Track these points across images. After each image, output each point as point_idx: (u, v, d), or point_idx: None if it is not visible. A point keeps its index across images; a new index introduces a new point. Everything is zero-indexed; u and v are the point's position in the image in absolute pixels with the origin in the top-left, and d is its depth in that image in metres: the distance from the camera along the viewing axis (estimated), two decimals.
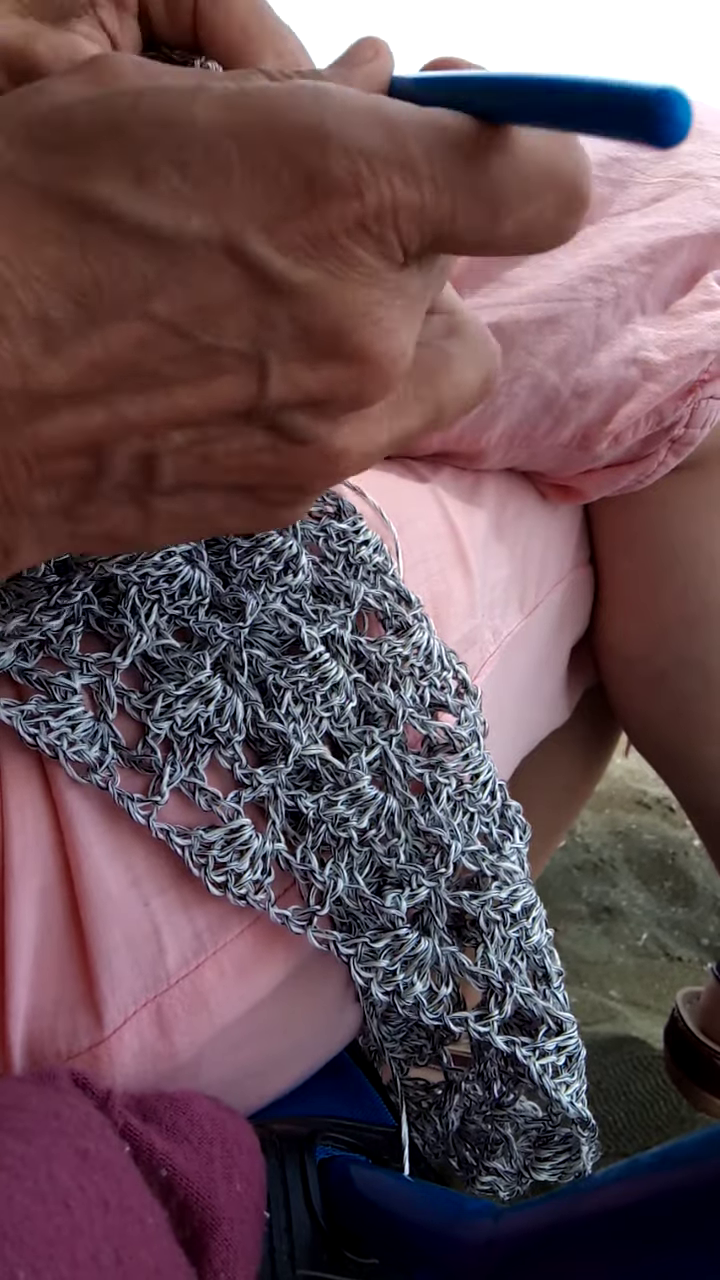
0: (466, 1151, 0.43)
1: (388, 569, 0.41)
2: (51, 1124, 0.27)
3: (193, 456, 0.23)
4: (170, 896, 0.35)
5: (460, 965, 0.38)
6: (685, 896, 1.15)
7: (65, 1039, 0.34)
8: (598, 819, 1.28)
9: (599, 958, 1.05)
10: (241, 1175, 0.32)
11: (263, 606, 0.37)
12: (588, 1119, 0.41)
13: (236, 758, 0.36)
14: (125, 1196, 0.27)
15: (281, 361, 0.22)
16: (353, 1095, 0.47)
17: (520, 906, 0.39)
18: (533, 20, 2.16)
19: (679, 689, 0.59)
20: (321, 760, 0.36)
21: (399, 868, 0.37)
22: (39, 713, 0.34)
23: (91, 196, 0.20)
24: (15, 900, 0.34)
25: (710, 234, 0.46)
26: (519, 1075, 0.39)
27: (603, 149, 0.49)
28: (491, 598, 0.48)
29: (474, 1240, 0.28)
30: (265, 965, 0.37)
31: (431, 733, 0.39)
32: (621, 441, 0.48)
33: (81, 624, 0.35)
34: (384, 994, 0.37)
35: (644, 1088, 0.84)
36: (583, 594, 0.58)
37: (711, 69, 1.93)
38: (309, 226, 0.21)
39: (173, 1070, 0.36)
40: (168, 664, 0.36)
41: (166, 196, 0.20)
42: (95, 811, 0.35)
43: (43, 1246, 0.23)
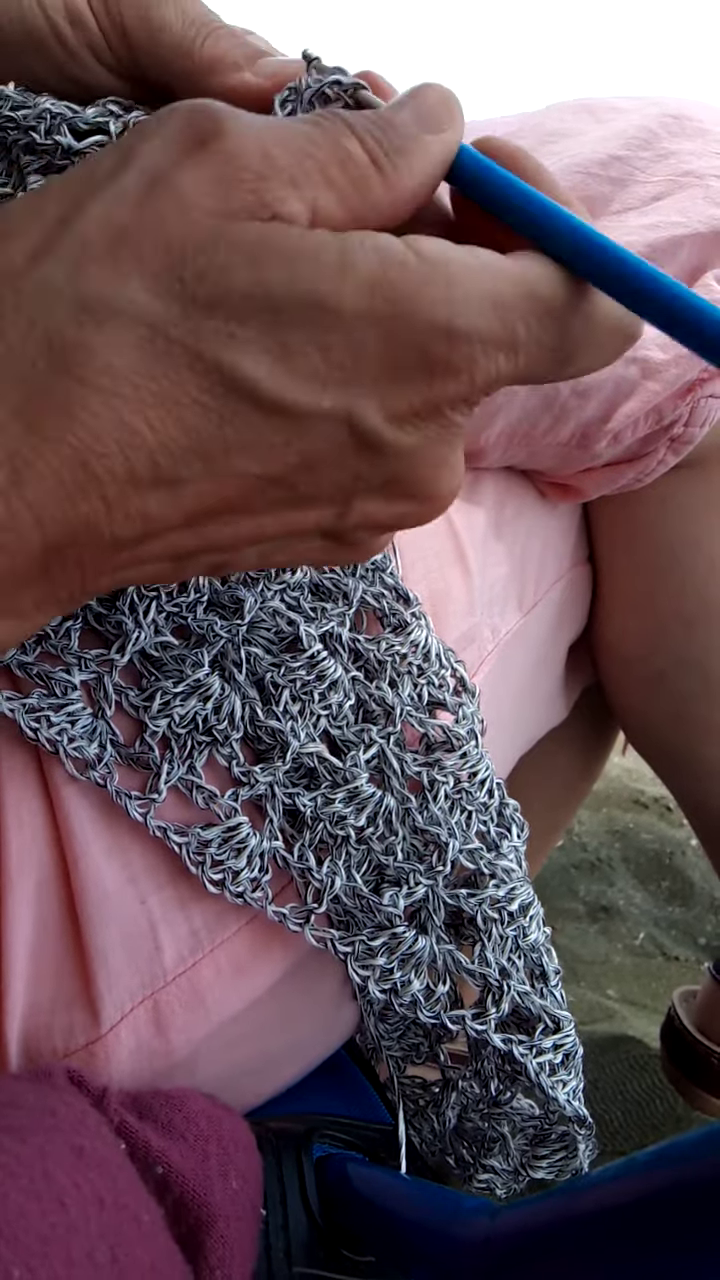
0: (463, 1149, 0.43)
1: (386, 567, 0.40)
2: (47, 1121, 0.27)
3: (256, 558, 0.25)
4: (167, 894, 0.35)
5: (457, 963, 0.38)
6: (682, 896, 1.15)
7: (61, 1036, 0.34)
8: (595, 818, 1.28)
9: (596, 956, 1.05)
10: (238, 1173, 0.32)
11: (261, 604, 0.37)
12: (584, 1117, 0.41)
13: (234, 755, 0.36)
14: (121, 1194, 0.27)
15: (364, 502, 0.24)
16: (350, 1093, 0.47)
17: (518, 905, 0.39)
18: (533, 20, 2.15)
19: (677, 688, 0.59)
20: (319, 758, 0.36)
21: (396, 866, 0.37)
22: (40, 707, 0.34)
23: (239, 372, 0.21)
24: (12, 897, 0.34)
25: (710, 233, 0.46)
26: (516, 1073, 0.39)
27: (602, 148, 0.49)
28: (490, 596, 0.48)
29: (471, 1238, 0.28)
30: (262, 963, 0.37)
31: (429, 731, 0.39)
32: (621, 440, 0.48)
33: (80, 620, 0.35)
34: (381, 992, 0.37)
35: (641, 1086, 0.84)
36: (581, 592, 0.58)
37: (711, 69, 1.93)
38: (420, 401, 0.23)
39: (169, 1068, 0.36)
40: (166, 661, 0.36)
41: (305, 375, 0.22)
42: (93, 808, 0.35)
43: (38, 1244, 0.23)
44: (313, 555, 0.26)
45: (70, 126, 0.28)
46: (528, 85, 1.92)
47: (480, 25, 2.12)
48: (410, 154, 0.24)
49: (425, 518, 0.26)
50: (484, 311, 0.23)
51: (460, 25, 2.11)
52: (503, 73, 1.98)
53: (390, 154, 0.24)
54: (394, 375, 0.22)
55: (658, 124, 0.49)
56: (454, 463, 0.25)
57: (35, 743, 0.34)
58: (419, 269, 0.22)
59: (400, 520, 0.25)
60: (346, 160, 0.23)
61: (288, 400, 0.22)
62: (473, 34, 2.09)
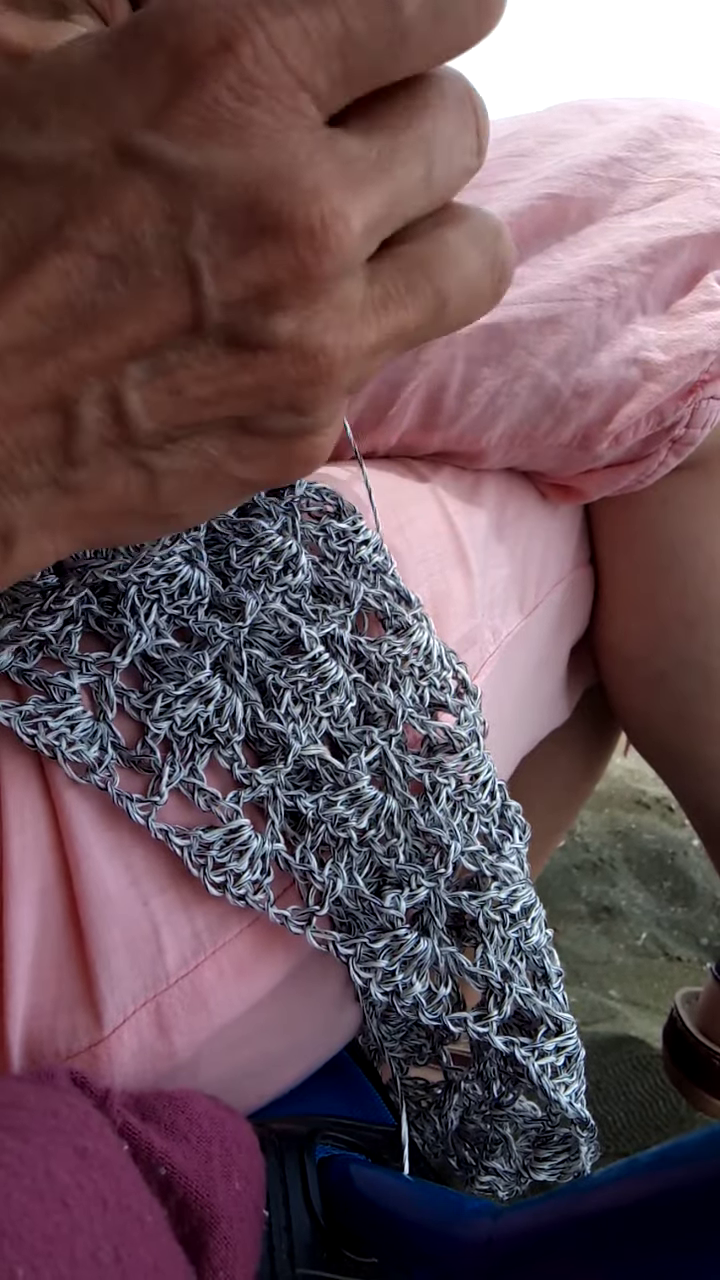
0: (466, 1151, 0.43)
1: (387, 569, 0.41)
2: (50, 1122, 0.27)
3: (159, 391, 0.22)
4: (169, 896, 0.35)
5: (459, 965, 0.38)
6: (684, 896, 1.15)
7: (64, 1038, 0.34)
8: (597, 819, 1.28)
9: (598, 958, 1.05)
10: (241, 1174, 0.32)
11: (262, 606, 0.37)
12: (587, 1119, 0.41)
13: (236, 758, 0.36)
14: (124, 1195, 0.27)
15: (208, 256, 0.20)
16: (352, 1094, 0.47)
17: (520, 907, 0.39)
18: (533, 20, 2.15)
19: (679, 689, 0.59)
20: (321, 760, 0.36)
21: (398, 868, 0.37)
22: (37, 713, 0.34)
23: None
24: (14, 900, 0.34)
25: (711, 234, 0.46)
26: (518, 1075, 0.39)
27: (603, 150, 0.49)
28: (491, 597, 0.48)
29: (473, 1239, 0.28)
30: (264, 965, 0.37)
31: (431, 733, 0.39)
32: (622, 442, 0.48)
33: (80, 624, 0.35)
34: (383, 994, 0.37)
35: (643, 1088, 0.84)
36: (583, 594, 0.58)
37: (711, 69, 1.93)
38: (191, 103, 0.19)
39: (172, 1069, 0.36)
40: (167, 664, 0.36)
41: (57, 130, 0.20)
42: (94, 811, 0.35)
43: (41, 1244, 0.23)
44: (230, 379, 0.22)
45: None
46: (528, 85, 1.92)
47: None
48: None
49: (302, 259, 0.20)
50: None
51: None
52: (503, 73, 1.98)
53: None
54: (146, 88, 0.19)
55: (659, 125, 0.49)
56: (294, 178, 0.20)
57: (34, 748, 0.34)
58: None
59: (271, 272, 0.20)
60: None
61: (44, 155, 0.20)
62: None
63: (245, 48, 0.19)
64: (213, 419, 0.22)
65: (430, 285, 0.23)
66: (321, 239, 0.20)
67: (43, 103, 0.20)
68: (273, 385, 0.22)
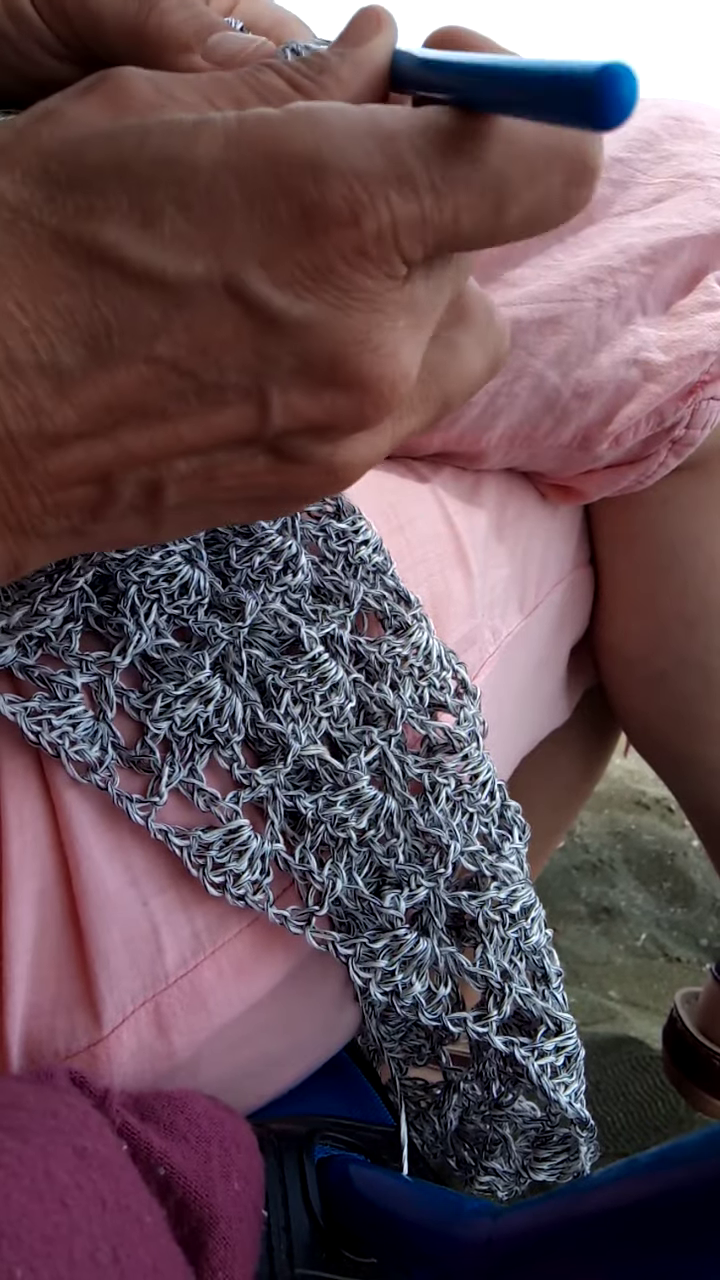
0: (465, 1151, 0.43)
1: (387, 569, 0.41)
2: (49, 1122, 0.27)
3: (197, 480, 0.24)
4: (169, 896, 0.35)
5: (459, 965, 0.38)
6: (684, 897, 1.15)
7: (63, 1038, 0.34)
8: (597, 819, 1.28)
9: (598, 958, 1.05)
10: (240, 1174, 0.32)
11: (262, 606, 0.37)
12: (586, 1119, 0.41)
13: (235, 758, 0.36)
14: (123, 1195, 0.27)
15: (282, 393, 0.22)
16: (351, 1095, 0.47)
17: (519, 907, 0.39)
18: (533, 20, 2.15)
19: (679, 689, 0.59)
20: (320, 760, 0.36)
21: (398, 868, 0.37)
22: (42, 710, 0.34)
23: (100, 241, 0.21)
24: (13, 899, 0.34)
25: (711, 234, 0.46)
26: (518, 1075, 0.39)
27: (604, 150, 0.49)
28: (491, 598, 0.48)
29: (472, 1240, 0.28)
30: (264, 965, 0.37)
31: (431, 733, 0.39)
32: (622, 442, 0.48)
33: (80, 622, 0.35)
34: (382, 994, 0.37)
35: (642, 1088, 0.84)
36: (583, 594, 0.58)
37: (711, 69, 1.93)
38: (307, 259, 0.21)
39: (171, 1069, 0.36)
40: (167, 664, 0.36)
41: (171, 239, 0.21)
42: (94, 811, 0.35)
43: (40, 1244, 0.23)
44: (260, 477, 0.24)
45: None
46: None
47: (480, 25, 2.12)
48: (336, 70, 0.23)
49: (364, 414, 0.22)
50: (360, 144, 0.20)
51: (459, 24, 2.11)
52: None
53: (312, 75, 0.23)
54: (268, 230, 0.20)
55: (659, 126, 0.49)
56: (379, 342, 0.22)
57: (37, 746, 0.34)
58: (280, 115, 0.21)
59: (334, 417, 0.22)
60: (261, 89, 0.22)
61: (155, 266, 0.21)
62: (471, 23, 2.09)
63: (370, 224, 0.20)
64: (229, 498, 0.25)
65: (439, 390, 0.25)
66: (388, 399, 0.22)
67: (160, 199, 0.20)
68: (294, 486, 0.25)
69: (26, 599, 0.34)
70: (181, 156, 0.21)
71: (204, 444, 0.23)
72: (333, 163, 0.20)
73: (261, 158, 0.20)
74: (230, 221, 0.20)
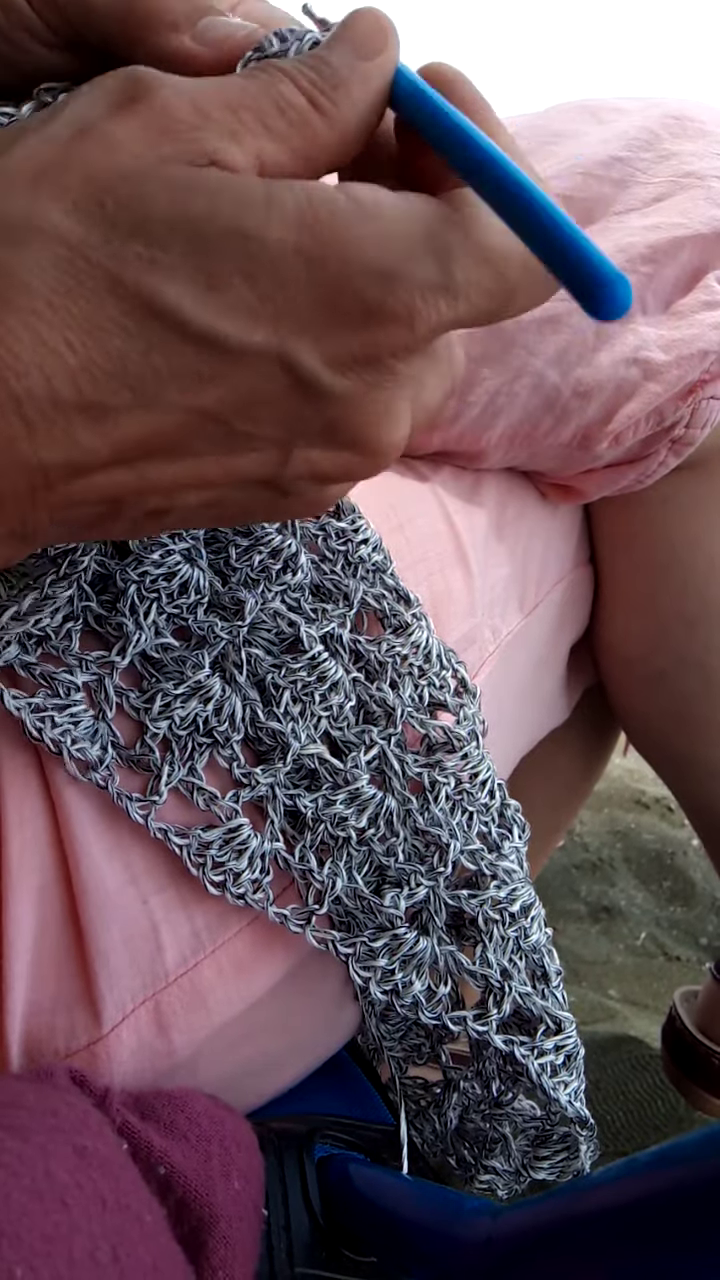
0: (465, 1150, 0.43)
1: (387, 568, 0.41)
2: (49, 1121, 0.27)
3: (201, 509, 0.25)
4: (169, 894, 0.35)
5: (459, 964, 0.38)
6: (684, 896, 1.15)
7: (63, 1036, 0.34)
8: (596, 818, 1.28)
9: (597, 957, 1.05)
10: (240, 1173, 0.32)
11: (261, 605, 0.37)
12: (586, 1118, 0.41)
13: (235, 757, 0.36)
14: (123, 1194, 0.27)
15: (304, 448, 0.24)
16: (351, 1093, 0.47)
17: (519, 906, 0.39)
18: (533, 20, 2.15)
19: (678, 688, 0.59)
20: (320, 759, 0.36)
21: (398, 867, 0.37)
22: (45, 707, 0.34)
23: (162, 299, 0.21)
24: (13, 897, 0.34)
25: (711, 234, 0.46)
26: (517, 1074, 0.39)
27: (604, 150, 0.49)
28: (491, 597, 0.48)
29: (472, 1238, 0.28)
30: (264, 964, 0.37)
31: (430, 732, 0.39)
32: (622, 441, 0.48)
33: (80, 621, 0.35)
34: (382, 993, 0.37)
35: (642, 1087, 0.84)
36: (583, 593, 0.58)
37: (712, 69, 1.93)
38: (359, 347, 0.22)
39: (171, 1068, 0.36)
40: (166, 663, 0.36)
41: (232, 307, 0.21)
42: (94, 810, 0.35)
43: (40, 1244, 0.23)
44: (257, 507, 0.26)
45: None
46: (528, 85, 1.92)
47: (480, 25, 2.12)
48: (348, 85, 0.23)
49: (368, 470, 0.25)
50: (419, 256, 0.22)
51: (460, 25, 2.11)
52: (503, 73, 1.98)
53: (327, 91, 0.23)
54: (330, 317, 0.22)
55: (659, 125, 0.49)
56: (398, 413, 0.24)
57: (40, 743, 0.34)
58: (349, 208, 0.22)
59: (343, 471, 0.25)
60: (283, 105, 0.23)
61: (216, 331, 0.21)
62: (473, 34, 2.09)
63: (422, 329, 0.23)
64: (219, 518, 0.26)
65: None
66: (391, 458, 0.25)
67: (227, 268, 0.21)
68: (284, 512, 0.27)
69: (34, 585, 0.34)
70: (253, 233, 0.21)
71: (220, 481, 0.24)
72: (400, 273, 0.22)
73: (333, 254, 0.22)
74: (294, 300, 0.22)
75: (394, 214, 0.22)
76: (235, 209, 0.21)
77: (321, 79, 0.23)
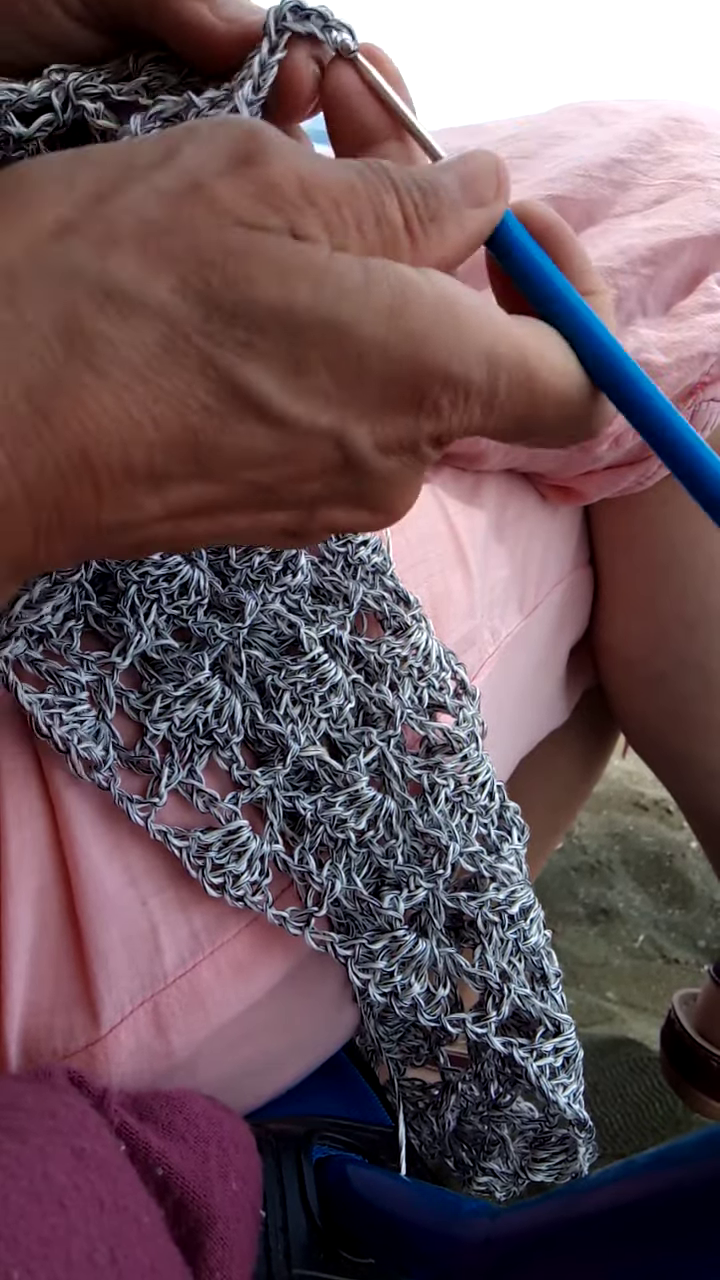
0: (463, 1152, 0.43)
1: (386, 569, 0.41)
2: (47, 1123, 0.27)
3: (214, 543, 0.26)
4: (168, 896, 0.35)
5: (458, 966, 0.38)
6: (682, 898, 1.15)
7: (61, 1037, 0.34)
8: (595, 821, 1.28)
9: (596, 959, 1.05)
10: (238, 1174, 0.32)
11: (261, 607, 0.37)
12: (584, 1120, 0.41)
13: (234, 759, 0.36)
14: (121, 1195, 0.27)
15: (328, 509, 0.25)
16: (350, 1095, 0.47)
17: (518, 908, 0.39)
18: (533, 20, 2.16)
19: (678, 690, 0.59)
20: (319, 761, 0.36)
21: (397, 869, 0.37)
22: (54, 704, 0.34)
23: (251, 384, 0.22)
24: (12, 898, 0.34)
25: (712, 236, 0.46)
26: (516, 1076, 0.39)
27: (604, 151, 0.49)
28: (491, 598, 0.48)
29: (471, 1240, 0.28)
30: (262, 965, 0.37)
31: (430, 734, 0.39)
32: (622, 443, 0.48)
33: (81, 621, 0.35)
34: (381, 995, 0.37)
35: (640, 1089, 0.84)
36: (582, 595, 0.58)
37: (712, 71, 1.93)
38: (405, 435, 0.24)
39: (169, 1069, 0.36)
40: (166, 664, 0.36)
41: (311, 392, 0.22)
42: (93, 811, 0.35)
43: (37, 1246, 0.23)
44: (262, 542, 0.27)
45: (17, 111, 0.28)
46: (529, 86, 1.92)
47: (480, 26, 2.12)
48: (446, 224, 0.24)
49: (376, 528, 0.27)
50: (480, 364, 0.24)
51: (460, 25, 2.11)
52: (503, 74, 1.98)
53: (425, 221, 0.24)
54: (390, 405, 0.23)
55: (660, 127, 0.49)
56: (416, 486, 0.26)
57: (47, 740, 0.34)
58: (433, 303, 0.23)
59: (353, 527, 0.27)
60: (382, 219, 0.24)
61: (290, 415, 0.22)
62: (473, 34, 2.09)
63: (456, 425, 0.24)
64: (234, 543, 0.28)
65: None
66: (401, 517, 0.27)
67: (315, 356, 0.22)
68: (290, 545, 0.28)
69: (24, 589, 0.34)
70: (348, 325, 0.22)
71: (246, 532, 0.25)
72: (457, 375, 0.23)
73: (411, 350, 0.23)
74: (366, 389, 0.23)
75: (469, 315, 0.24)
76: (336, 298, 0.22)
77: (425, 207, 0.24)
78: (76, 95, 0.27)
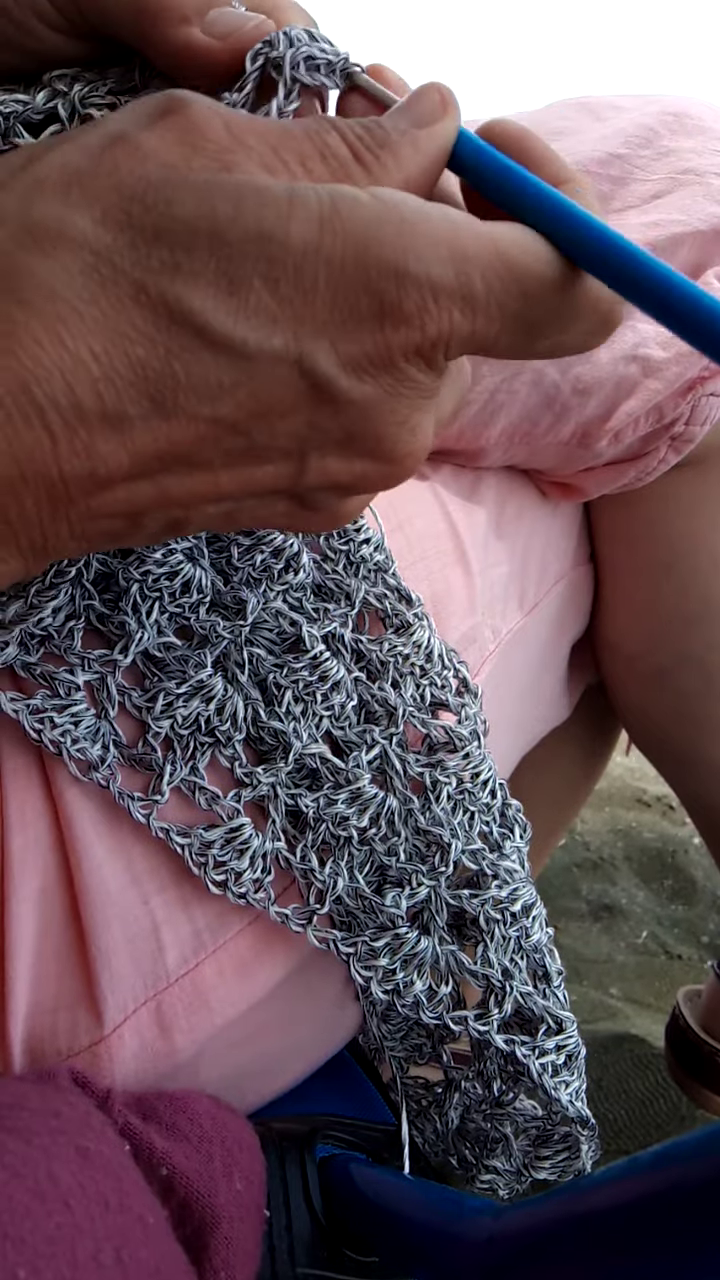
0: (466, 1150, 0.43)
1: (388, 567, 0.40)
2: (51, 1123, 0.27)
3: (218, 520, 0.25)
4: (170, 895, 0.35)
5: (460, 964, 0.38)
6: (685, 894, 1.15)
7: (65, 1037, 0.34)
8: (598, 817, 1.28)
9: (599, 956, 1.05)
10: (241, 1174, 0.32)
11: (263, 605, 0.37)
12: (587, 1117, 0.41)
13: (237, 756, 0.36)
14: (125, 1195, 0.27)
15: (320, 457, 0.24)
16: (353, 1093, 0.47)
17: (520, 905, 0.39)
18: (533, 20, 2.15)
19: (679, 686, 0.59)
20: (321, 759, 0.36)
21: (399, 866, 0.37)
22: (44, 708, 0.34)
23: (185, 304, 0.21)
24: (15, 898, 0.34)
25: (710, 230, 0.46)
26: (519, 1074, 0.39)
27: (603, 147, 0.49)
28: (491, 596, 0.48)
29: (474, 1238, 0.28)
30: (265, 964, 0.37)
31: (432, 731, 0.39)
32: (621, 439, 0.48)
33: (82, 620, 0.35)
34: (384, 993, 0.37)
35: (643, 1086, 0.84)
36: (583, 592, 0.58)
37: (712, 69, 1.93)
38: (373, 348, 0.22)
39: (173, 1069, 0.36)
40: (169, 662, 0.36)
41: (254, 311, 0.21)
42: (95, 810, 0.35)
43: (43, 1245, 0.23)
44: (276, 519, 0.26)
45: (24, 122, 0.27)
46: (528, 85, 1.92)
47: (480, 25, 2.12)
48: (399, 147, 0.24)
49: (386, 481, 0.25)
50: (440, 258, 0.22)
51: (460, 25, 2.11)
52: (503, 73, 1.98)
53: (375, 148, 0.23)
54: (346, 317, 0.22)
55: (658, 122, 0.49)
56: (415, 424, 0.24)
57: (39, 744, 0.34)
58: (372, 206, 0.22)
59: (361, 481, 0.25)
60: (327, 153, 0.23)
61: (236, 337, 0.22)
62: (473, 34, 2.09)
63: (432, 331, 0.23)
64: (241, 524, 0.26)
65: None
66: (410, 469, 0.25)
67: (248, 270, 0.21)
68: (301, 526, 0.27)
69: (20, 593, 0.34)
70: (275, 234, 0.21)
71: (237, 493, 0.24)
72: (414, 272, 0.22)
73: (352, 253, 0.22)
74: (313, 303, 0.22)
75: (418, 215, 0.22)
76: (257, 209, 0.21)
77: (370, 137, 0.24)
78: (83, 105, 0.27)
